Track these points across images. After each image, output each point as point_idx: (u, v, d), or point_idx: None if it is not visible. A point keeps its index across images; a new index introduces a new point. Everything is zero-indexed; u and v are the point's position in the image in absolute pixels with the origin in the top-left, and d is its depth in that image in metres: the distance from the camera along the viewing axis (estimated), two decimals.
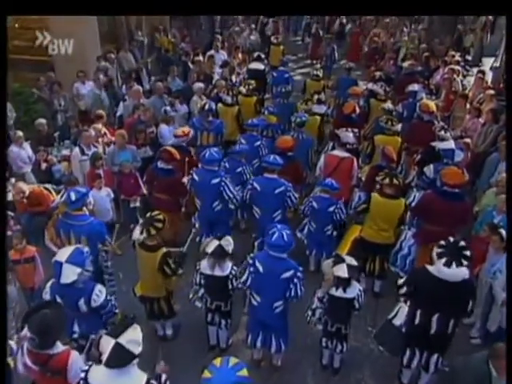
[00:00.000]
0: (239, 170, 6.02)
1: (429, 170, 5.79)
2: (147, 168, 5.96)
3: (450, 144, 5.95)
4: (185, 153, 6.15)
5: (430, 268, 3.77)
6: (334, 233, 5.55)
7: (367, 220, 5.17)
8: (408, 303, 4.07)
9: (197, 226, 5.81)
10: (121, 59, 9.98)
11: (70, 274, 3.48)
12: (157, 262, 4.19)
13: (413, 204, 5.42)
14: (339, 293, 4.02)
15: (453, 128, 8.22)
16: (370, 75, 9.85)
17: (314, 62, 9.69)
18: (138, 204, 6.15)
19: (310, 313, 4.30)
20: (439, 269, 3.66)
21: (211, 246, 4.16)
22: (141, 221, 4.41)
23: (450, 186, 4.91)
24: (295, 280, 3.88)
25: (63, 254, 3.56)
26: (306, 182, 6.54)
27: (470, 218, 5.29)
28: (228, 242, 4.20)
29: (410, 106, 8.06)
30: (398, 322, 4.11)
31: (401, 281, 3.97)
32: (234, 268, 4.25)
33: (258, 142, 6.68)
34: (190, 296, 4.58)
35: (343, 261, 4.00)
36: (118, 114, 7.83)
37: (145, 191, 6.17)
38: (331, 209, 5.35)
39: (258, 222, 5.40)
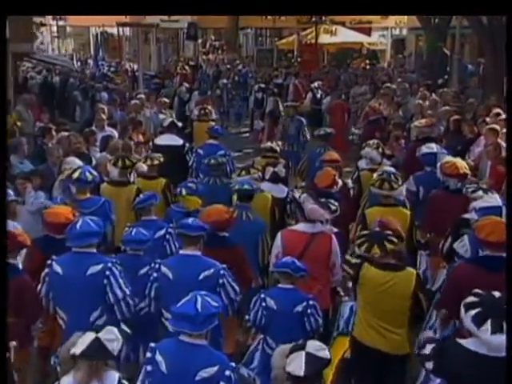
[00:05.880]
0: (144, 270, 6.55)
1: (462, 245, 6.55)
2: None
3: (495, 200, 6.90)
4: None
5: (463, 342, 4.32)
6: None
7: (359, 311, 5.82)
8: None
9: (59, 369, 6.08)
10: None
11: None
12: None
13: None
14: None
15: None
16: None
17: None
18: None
19: None
20: (484, 338, 4.15)
21: (83, 342, 4.47)
22: None
23: (492, 246, 5.63)
24: None
25: None
26: (251, 283, 7.17)
27: None
28: (112, 336, 4.53)
29: (429, 179, 9.07)
30: None
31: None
32: (124, 383, 4.56)
33: (162, 232, 7.43)
34: None
35: (302, 348, 4.43)
36: None
37: None
38: (299, 308, 5.92)
39: None
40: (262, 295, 6.11)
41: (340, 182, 8.56)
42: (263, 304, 6.02)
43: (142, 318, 6.30)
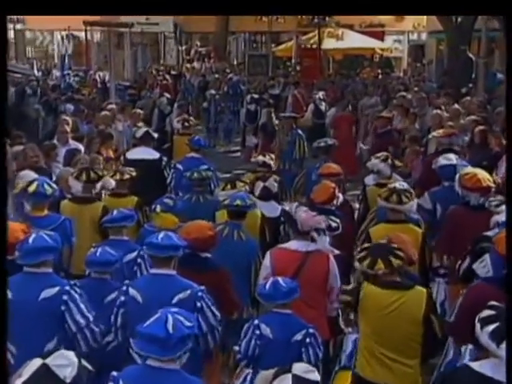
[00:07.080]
0: (111, 297, 6.54)
1: (484, 265, 6.49)
2: None
3: None
4: None
5: (475, 366, 4.32)
6: None
7: (361, 340, 5.84)
8: None
9: None
10: None
11: None
12: None
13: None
14: None
15: None
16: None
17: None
18: None
19: None
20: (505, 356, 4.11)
21: (28, 370, 4.39)
22: None
23: None
24: None
25: None
26: (236, 311, 7.22)
27: None
28: (64, 361, 4.44)
29: (447, 195, 9.16)
30: None
31: None
32: None
33: (133, 255, 7.48)
34: None
35: (288, 371, 4.37)
36: None
37: None
38: (298, 337, 5.95)
39: None
40: (256, 322, 6.12)
41: (341, 197, 8.60)
42: (257, 332, 6.03)
43: (109, 354, 6.31)
